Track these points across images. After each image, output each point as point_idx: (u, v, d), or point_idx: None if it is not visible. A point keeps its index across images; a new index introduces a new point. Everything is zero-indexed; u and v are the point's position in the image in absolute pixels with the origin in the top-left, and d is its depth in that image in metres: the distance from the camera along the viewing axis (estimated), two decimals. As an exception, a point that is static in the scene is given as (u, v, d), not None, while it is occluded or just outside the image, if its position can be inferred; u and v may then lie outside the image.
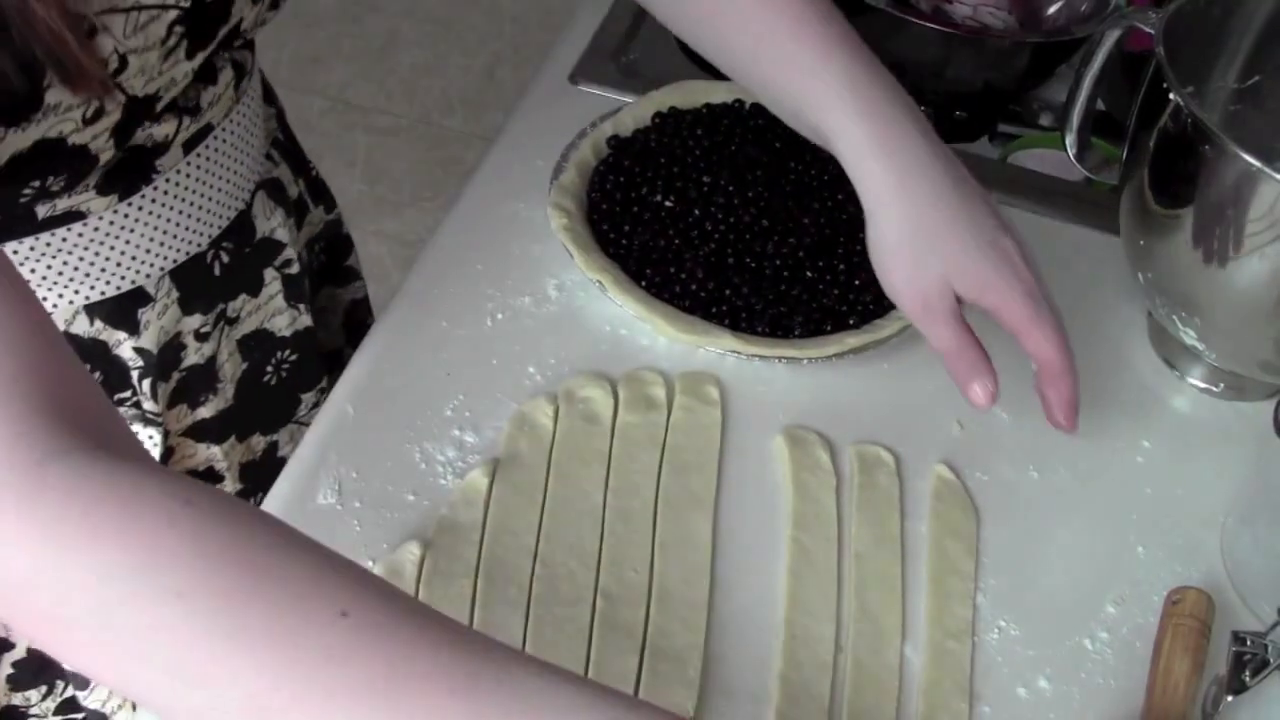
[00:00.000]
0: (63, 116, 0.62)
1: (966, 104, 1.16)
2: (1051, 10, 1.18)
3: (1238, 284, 0.79)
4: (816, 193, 0.93)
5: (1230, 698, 0.67)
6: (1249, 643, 0.67)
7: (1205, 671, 0.70)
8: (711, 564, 0.75)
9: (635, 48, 1.12)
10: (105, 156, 0.67)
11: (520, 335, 0.86)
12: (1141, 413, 0.88)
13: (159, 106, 0.69)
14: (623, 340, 0.87)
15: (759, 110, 0.99)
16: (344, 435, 0.80)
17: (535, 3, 2.81)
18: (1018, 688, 0.72)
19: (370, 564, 0.74)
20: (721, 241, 0.89)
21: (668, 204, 0.91)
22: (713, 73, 1.09)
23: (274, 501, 0.77)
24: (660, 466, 0.79)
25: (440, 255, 0.92)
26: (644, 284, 0.86)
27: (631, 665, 0.70)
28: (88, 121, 0.64)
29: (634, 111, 0.98)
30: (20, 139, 0.62)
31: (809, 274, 0.88)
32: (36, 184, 0.65)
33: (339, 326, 1.03)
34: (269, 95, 0.90)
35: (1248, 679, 0.67)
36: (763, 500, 0.79)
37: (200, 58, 0.69)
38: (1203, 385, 0.89)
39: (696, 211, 0.90)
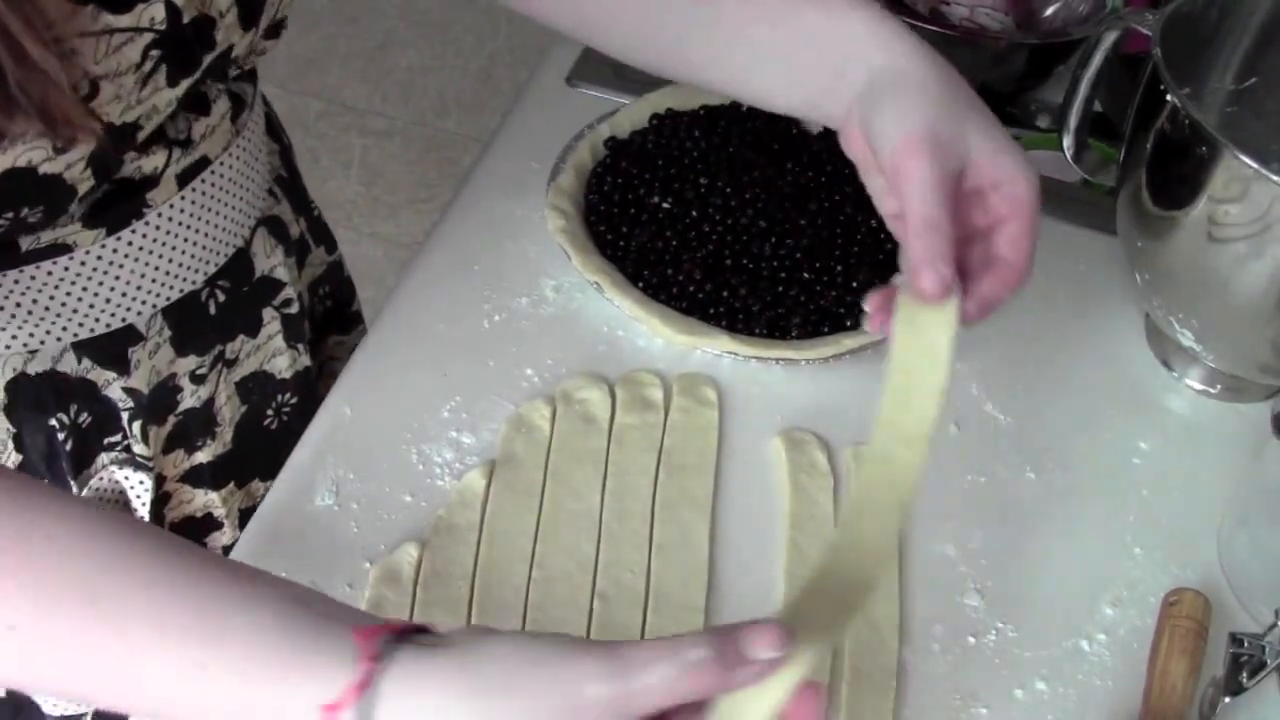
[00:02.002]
0: (31, 144, 0.59)
1: (963, 106, 1.16)
2: (1048, 12, 1.18)
3: (1235, 285, 0.79)
4: (814, 194, 0.93)
5: (1227, 699, 0.67)
6: (1246, 644, 0.67)
7: (1202, 673, 0.70)
8: (709, 566, 0.75)
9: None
10: (84, 188, 0.64)
11: (517, 336, 0.86)
12: (1139, 414, 0.88)
13: (141, 136, 0.66)
14: (620, 341, 0.87)
15: (756, 112, 0.99)
16: (341, 437, 0.80)
17: (532, 4, 2.80)
18: (1015, 689, 0.72)
19: (367, 565, 0.73)
20: (719, 243, 0.89)
21: (665, 205, 0.91)
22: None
23: (272, 503, 0.77)
24: (657, 468, 0.79)
25: (437, 257, 0.92)
26: (641, 285, 0.86)
27: (629, 667, 0.70)
28: (59, 150, 0.61)
29: (631, 113, 0.98)
30: None
31: (806, 275, 0.88)
32: (10, 215, 0.62)
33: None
34: (274, 130, 0.87)
35: (1245, 680, 0.66)
36: (760, 502, 0.79)
37: (185, 85, 0.66)
38: (1200, 386, 0.89)
39: (694, 213, 0.90)
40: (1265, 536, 0.76)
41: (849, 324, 0.86)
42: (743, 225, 0.90)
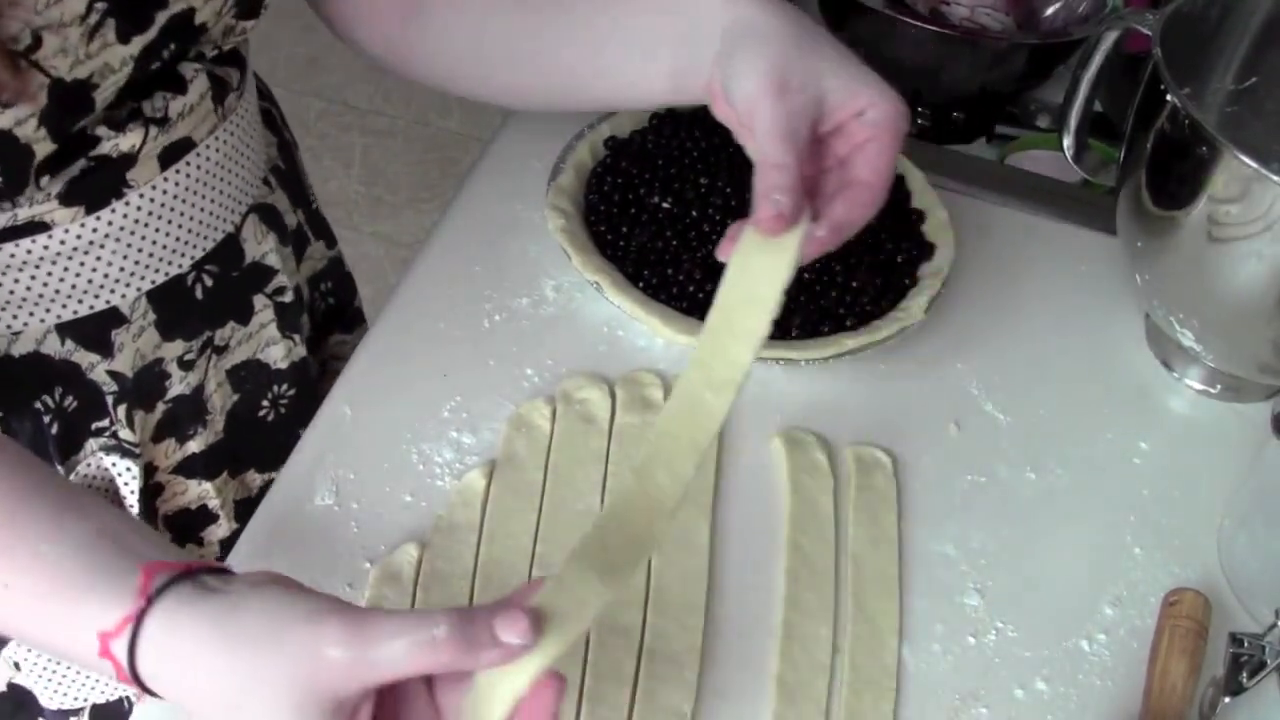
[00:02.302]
0: None
1: (964, 105, 1.16)
2: (1049, 12, 1.18)
3: (1235, 285, 0.79)
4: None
5: (1227, 699, 0.67)
6: (1246, 644, 0.67)
7: (1202, 673, 0.70)
8: (709, 566, 0.75)
9: (633, 49, 1.12)
10: (42, 150, 0.64)
11: (517, 336, 0.86)
12: (1139, 414, 0.88)
13: (99, 98, 0.65)
14: (620, 341, 0.87)
15: (756, 111, 0.99)
16: (341, 437, 0.80)
17: (533, 4, 2.80)
18: (1015, 689, 0.72)
19: (367, 565, 0.74)
20: (718, 243, 0.89)
21: (665, 205, 0.91)
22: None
23: (272, 503, 0.77)
24: (657, 468, 0.79)
25: (437, 257, 0.92)
26: (641, 285, 0.86)
27: (629, 667, 0.70)
28: (5, 104, 0.60)
29: (631, 113, 0.98)
30: None
31: (806, 275, 0.88)
32: None
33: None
34: (274, 125, 0.87)
35: (1245, 680, 0.66)
36: (760, 502, 0.79)
37: (138, 43, 0.65)
38: (1200, 386, 0.89)
39: (694, 213, 0.90)
40: (1265, 536, 0.76)
41: (849, 324, 0.86)
42: (743, 225, 0.90)
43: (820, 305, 0.87)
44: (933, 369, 0.88)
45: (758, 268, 0.58)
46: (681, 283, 0.86)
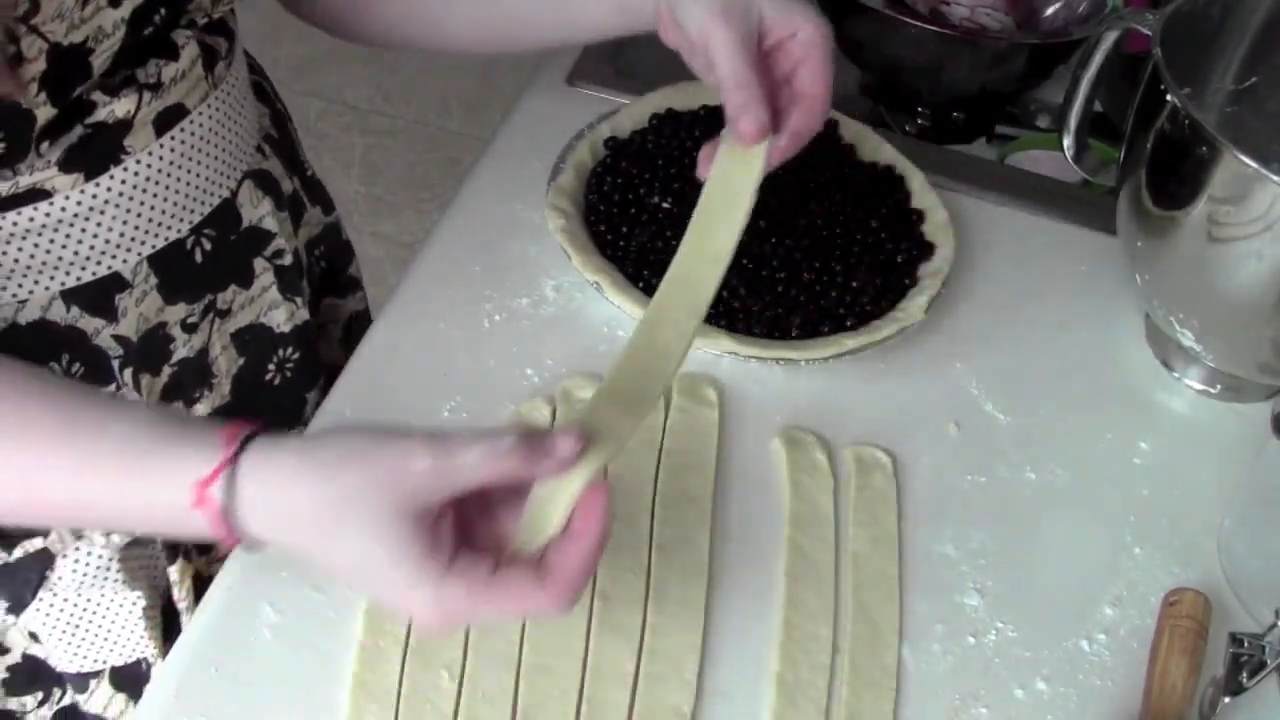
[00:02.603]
0: None
1: (964, 105, 1.16)
2: (1049, 12, 1.18)
3: (1235, 285, 0.79)
4: (813, 194, 0.93)
5: (1227, 699, 0.67)
6: (1246, 644, 0.67)
7: (1202, 673, 0.70)
8: (709, 565, 0.75)
9: (632, 49, 1.11)
10: (43, 115, 0.65)
11: (517, 336, 0.86)
12: (1139, 414, 0.88)
13: (96, 63, 0.67)
14: (620, 341, 0.87)
15: (756, 111, 0.99)
16: (341, 436, 0.80)
17: (533, 4, 2.80)
18: (1015, 689, 0.72)
19: (367, 565, 0.73)
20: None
21: (665, 205, 0.91)
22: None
23: (271, 503, 0.77)
24: (658, 468, 0.79)
25: (437, 257, 0.92)
26: (641, 285, 0.86)
27: (629, 666, 0.70)
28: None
29: (631, 113, 0.98)
30: None
31: (806, 275, 0.88)
32: None
33: (339, 341, 1.01)
34: (266, 97, 0.89)
35: (1245, 680, 0.67)
36: (760, 501, 0.79)
37: (127, 7, 0.67)
38: (1200, 386, 0.89)
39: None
40: (1265, 536, 0.76)
41: (849, 324, 0.86)
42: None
43: (820, 305, 0.87)
44: (933, 369, 0.88)
45: (735, 175, 0.70)
46: (681, 283, 0.86)
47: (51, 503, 0.61)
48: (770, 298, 0.87)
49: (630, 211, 0.91)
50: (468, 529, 0.58)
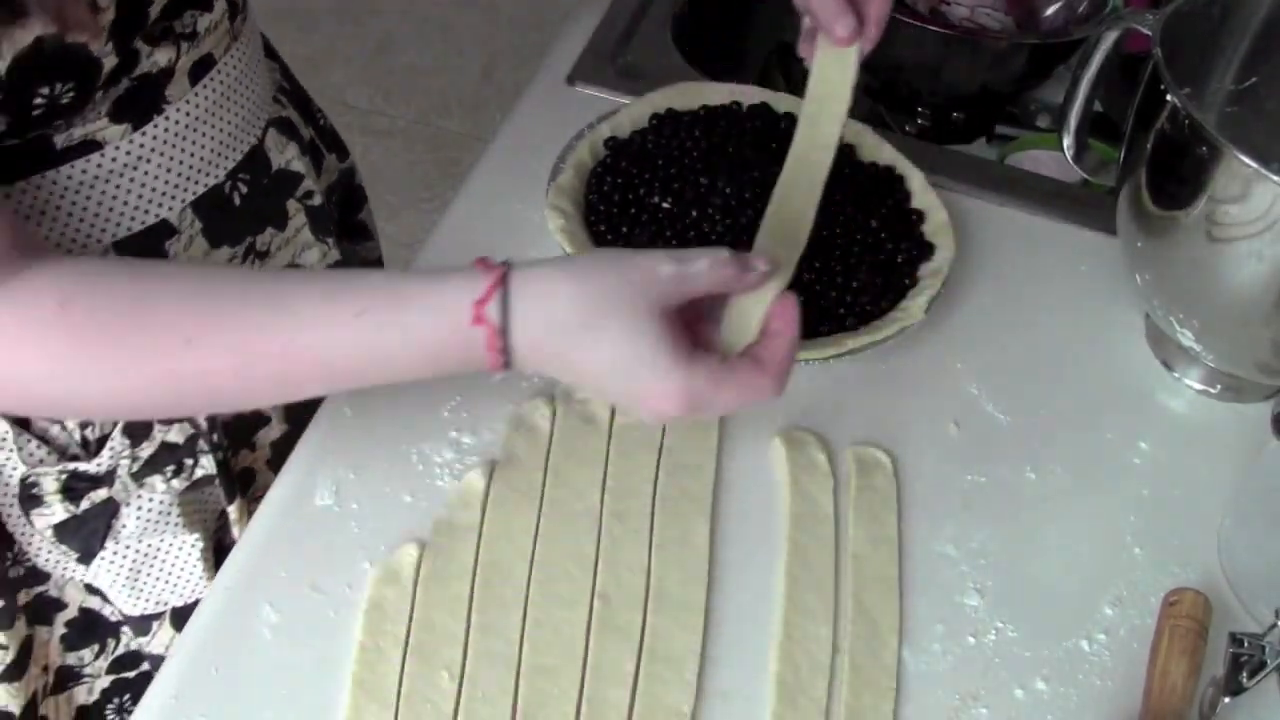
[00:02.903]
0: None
1: (964, 105, 1.16)
2: (1049, 12, 1.18)
3: (1235, 285, 0.79)
4: (814, 194, 0.93)
5: (1227, 699, 0.67)
6: (1246, 644, 0.67)
7: (1202, 673, 0.70)
8: (709, 565, 0.75)
9: (632, 49, 1.12)
10: (108, 63, 0.68)
11: (517, 336, 0.86)
12: (1139, 414, 0.88)
13: (152, 10, 0.70)
14: (620, 341, 0.87)
15: (756, 112, 0.99)
16: (342, 437, 0.80)
17: (533, 4, 2.81)
18: (1015, 689, 0.72)
19: (367, 565, 0.74)
20: (718, 243, 0.89)
21: (665, 205, 0.91)
22: (710, 74, 1.09)
23: (272, 503, 0.77)
24: (657, 468, 0.79)
25: (438, 257, 0.92)
26: (641, 285, 0.86)
27: (629, 667, 0.70)
28: (76, 38, 0.65)
29: (631, 113, 0.98)
30: (20, 35, 0.62)
31: (806, 275, 0.88)
32: (46, 92, 0.66)
33: None
34: (271, 53, 0.92)
35: (1245, 680, 0.67)
36: (760, 502, 0.79)
37: None
38: (1200, 387, 0.89)
39: (694, 213, 0.90)
40: (1265, 536, 0.76)
41: (849, 324, 0.86)
42: (743, 225, 0.90)
43: (820, 305, 0.87)
44: (933, 369, 0.88)
45: (832, 73, 0.80)
46: (681, 283, 0.86)
47: (319, 360, 0.64)
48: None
49: (630, 211, 0.91)
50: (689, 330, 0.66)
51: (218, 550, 0.87)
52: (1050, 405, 0.87)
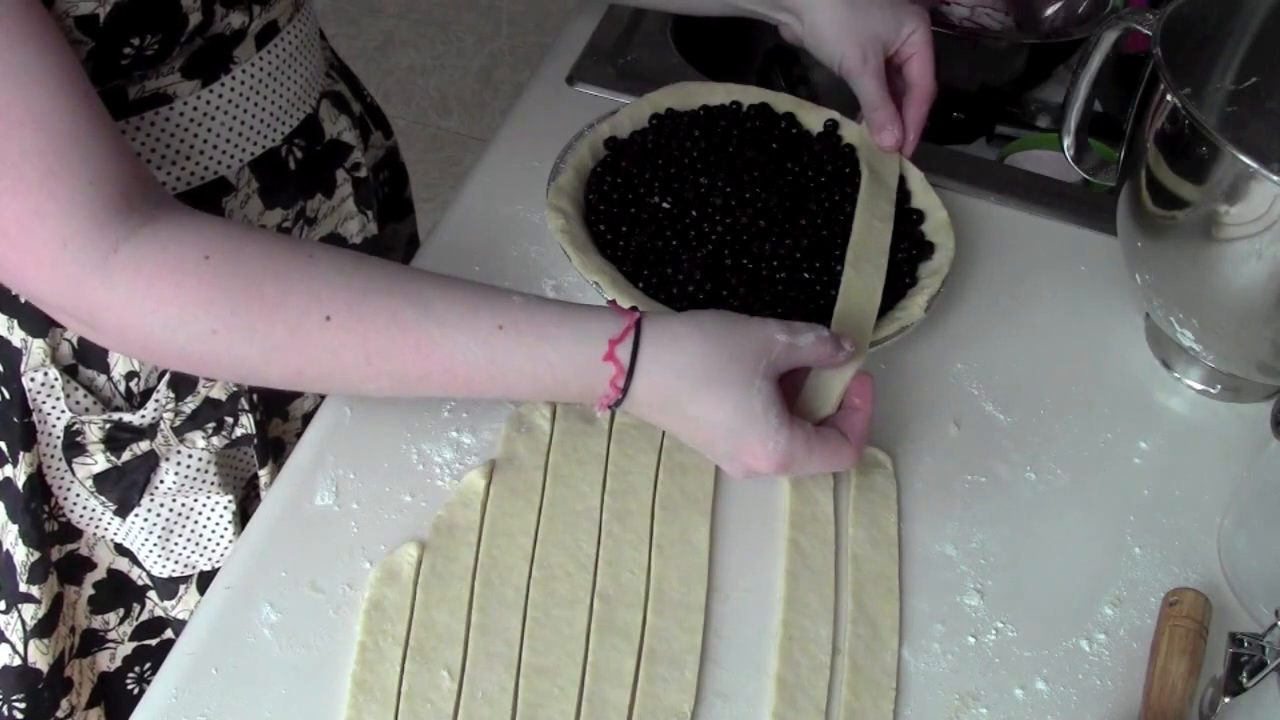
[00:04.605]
0: None
1: (964, 105, 1.16)
2: (1049, 11, 1.18)
3: (1235, 285, 0.79)
4: (813, 194, 0.93)
5: (1227, 699, 0.67)
6: (1246, 644, 0.67)
7: (1202, 673, 0.70)
8: (709, 566, 0.75)
9: (632, 49, 1.12)
10: (194, 20, 0.71)
11: (517, 336, 0.86)
12: (1139, 414, 0.88)
13: None
14: (620, 341, 0.87)
15: (756, 112, 0.99)
16: (342, 437, 0.80)
17: (533, 4, 2.81)
18: (1015, 689, 0.72)
19: (367, 565, 0.74)
20: (718, 243, 0.89)
21: (665, 205, 0.91)
22: (710, 74, 1.09)
23: (272, 503, 0.77)
24: (657, 468, 0.79)
25: (438, 257, 0.92)
26: (641, 285, 0.86)
27: (629, 667, 0.70)
28: None
29: (631, 113, 0.98)
30: None
31: (806, 275, 0.88)
32: (136, 42, 0.68)
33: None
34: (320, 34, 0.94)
35: (1245, 680, 0.67)
36: (760, 502, 0.79)
37: None
38: (1200, 387, 0.89)
39: (694, 213, 0.90)
40: (1265, 536, 0.76)
41: (849, 324, 0.86)
42: (743, 225, 0.90)
43: (820, 305, 0.87)
44: (933, 369, 0.88)
45: (879, 168, 0.94)
46: (681, 282, 0.86)
47: (446, 364, 0.67)
48: (770, 297, 0.87)
49: (630, 211, 0.91)
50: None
51: (243, 518, 0.87)
52: (1050, 405, 0.87)
